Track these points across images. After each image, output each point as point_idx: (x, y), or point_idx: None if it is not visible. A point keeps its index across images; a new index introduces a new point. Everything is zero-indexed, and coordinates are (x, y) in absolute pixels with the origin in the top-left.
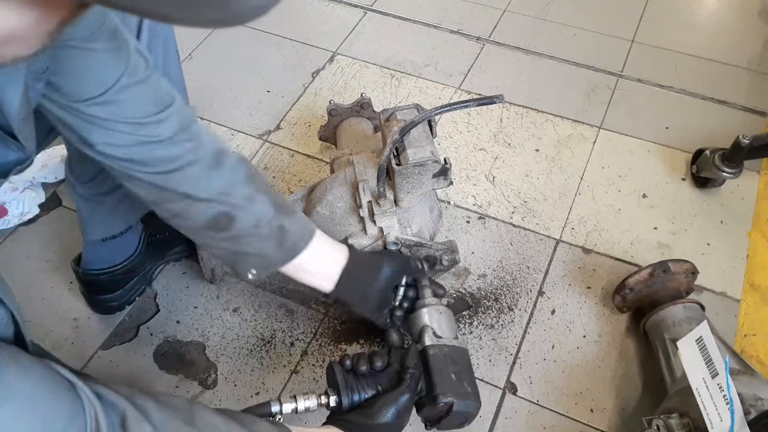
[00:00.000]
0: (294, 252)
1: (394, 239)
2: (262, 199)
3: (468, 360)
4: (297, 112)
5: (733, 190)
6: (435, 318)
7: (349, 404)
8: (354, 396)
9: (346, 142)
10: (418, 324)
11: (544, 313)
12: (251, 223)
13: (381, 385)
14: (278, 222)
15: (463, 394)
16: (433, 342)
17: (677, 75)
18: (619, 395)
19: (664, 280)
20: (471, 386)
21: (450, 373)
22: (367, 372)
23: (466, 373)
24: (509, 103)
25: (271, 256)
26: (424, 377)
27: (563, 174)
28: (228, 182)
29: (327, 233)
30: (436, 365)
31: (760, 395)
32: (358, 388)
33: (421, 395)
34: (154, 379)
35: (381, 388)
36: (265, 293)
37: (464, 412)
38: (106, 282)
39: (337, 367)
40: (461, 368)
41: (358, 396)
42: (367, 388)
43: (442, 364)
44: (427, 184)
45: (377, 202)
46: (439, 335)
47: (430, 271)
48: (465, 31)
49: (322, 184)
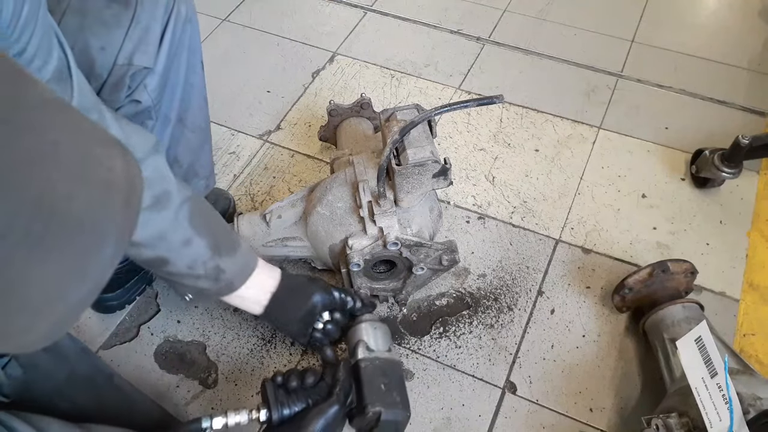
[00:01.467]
0: (230, 289)
1: (393, 239)
2: (199, 242)
3: (400, 372)
4: (297, 112)
5: (733, 190)
6: (370, 333)
7: (279, 418)
8: (284, 410)
9: (346, 142)
10: (354, 339)
11: (543, 312)
12: (185, 264)
13: (312, 398)
14: (214, 263)
15: (391, 403)
16: (365, 355)
17: (677, 75)
18: (618, 395)
19: (664, 280)
20: (400, 396)
21: (380, 384)
22: (298, 387)
23: (396, 384)
24: (509, 103)
25: (206, 290)
26: (355, 389)
27: (563, 174)
28: (166, 226)
29: (327, 233)
30: (367, 377)
31: (759, 395)
32: (289, 402)
33: (352, 407)
34: (155, 378)
35: (311, 402)
36: None
37: (393, 421)
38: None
39: (268, 384)
40: (392, 380)
41: (288, 410)
42: (298, 402)
43: (373, 376)
44: (427, 184)
45: (377, 202)
46: (372, 349)
47: (365, 308)
48: (465, 31)
49: (322, 184)
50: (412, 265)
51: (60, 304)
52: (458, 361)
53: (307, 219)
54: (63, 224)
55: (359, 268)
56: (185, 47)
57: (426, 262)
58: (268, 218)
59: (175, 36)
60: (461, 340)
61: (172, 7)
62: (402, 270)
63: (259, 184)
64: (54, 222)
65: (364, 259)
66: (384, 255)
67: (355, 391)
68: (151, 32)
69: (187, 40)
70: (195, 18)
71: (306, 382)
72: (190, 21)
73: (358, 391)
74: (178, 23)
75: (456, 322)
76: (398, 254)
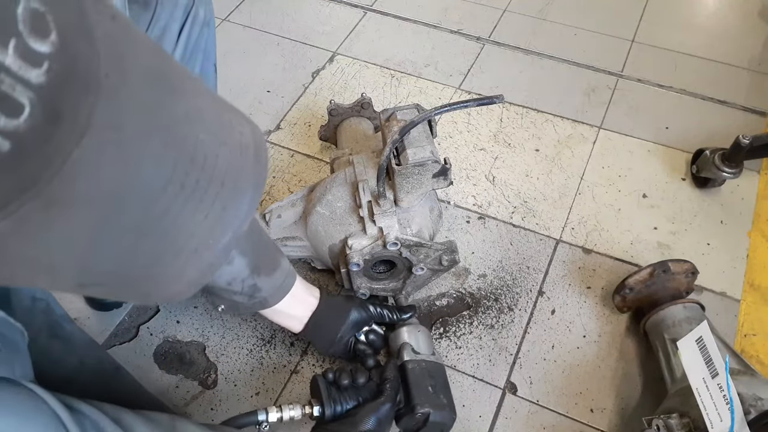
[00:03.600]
0: (263, 306)
1: (393, 239)
2: (241, 261)
3: (444, 375)
4: (297, 112)
5: (733, 190)
6: (414, 336)
7: (332, 414)
8: (336, 407)
9: (346, 141)
10: (398, 341)
11: (544, 313)
12: (225, 280)
13: (362, 396)
14: (252, 282)
15: (440, 405)
16: (412, 357)
17: (677, 75)
18: (619, 395)
19: (664, 280)
20: (447, 399)
21: (427, 386)
22: (348, 385)
23: (443, 387)
24: (509, 103)
25: (241, 305)
26: (402, 390)
27: (563, 174)
28: None
29: (327, 233)
30: (414, 379)
31: (760, 395)
32: (341, 399)
33: (400, 407)
34: (154, 379)
35: (362, 399)
36: None
37: (440, 423)
38: None
39: (320, 380)
40: (438, 382)
41: (340, 407)
42: (349, 399)
43: (420, 377)
44: (427, 184)
45: (377, 202)
46: (417, 351)
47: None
48: (465, 31)
49: (322, 184)
50: (412, 265)
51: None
52: (458, 361)
53: (307, 219)
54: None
55: (359, 268)
56: (201, 50)
57: (426, 263)
58: (268, 218)
59: (191, 38)
60: (461, 340)
61: (191, 8)
62: (402, 270)
63: None
64: (204, 177)
65: (363, 259)
66: (384, 255)
67: (402, 392)
68: (169, 32)
69: (204, 43)
70: (213, 22)
71: (357, 380)
72: (208, 25)
73: (406, 392)
74: (195, 25)
75: (456, 322)
76: (398, 254)
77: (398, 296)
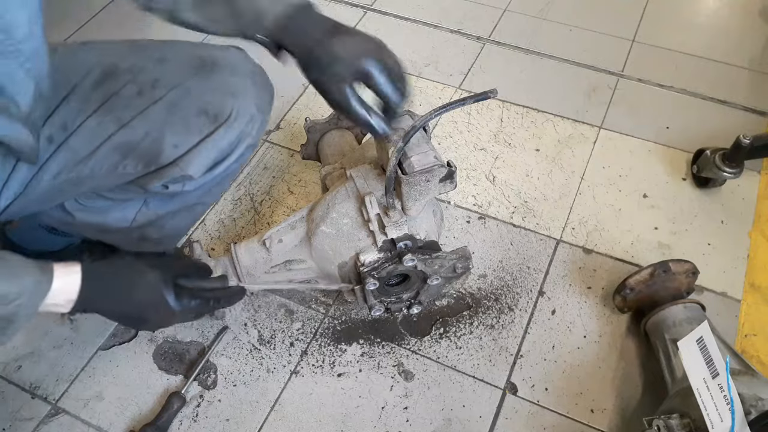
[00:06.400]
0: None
1: (409, 257)
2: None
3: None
4: (297, 112)
5: (734, 190)
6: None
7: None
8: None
9: (332, 156)
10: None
11: (544, 313)
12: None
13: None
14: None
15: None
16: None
17: (677, 75)
18: (619, 395)
19: (665, 281)
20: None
21: None
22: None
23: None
24: (509, 102)
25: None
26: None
27: (563, 174)
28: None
29: (335, 251)
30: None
31: (760, 395)
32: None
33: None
34: (154, 379)
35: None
36: (265, 293)
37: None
38: None
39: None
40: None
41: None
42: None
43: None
44: (434, 189)
45: (386, 213)
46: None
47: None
48: (465, 30)
49: (323, 203)
50: (426, 276)
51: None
52: (459, 361)
53: (311, 240)
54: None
55: (375, 287)
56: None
57: (440, 273)
58: (268, 244)
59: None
60: (462, 340)
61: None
62: (416, 281)
63: (258, 184)
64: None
65: (379, 277)
66: (399, 271)
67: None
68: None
69: (239, 167)
70: (257, 144)
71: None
72: (251, 148)
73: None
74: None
75: (456, 322)
76: (413, 268)
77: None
